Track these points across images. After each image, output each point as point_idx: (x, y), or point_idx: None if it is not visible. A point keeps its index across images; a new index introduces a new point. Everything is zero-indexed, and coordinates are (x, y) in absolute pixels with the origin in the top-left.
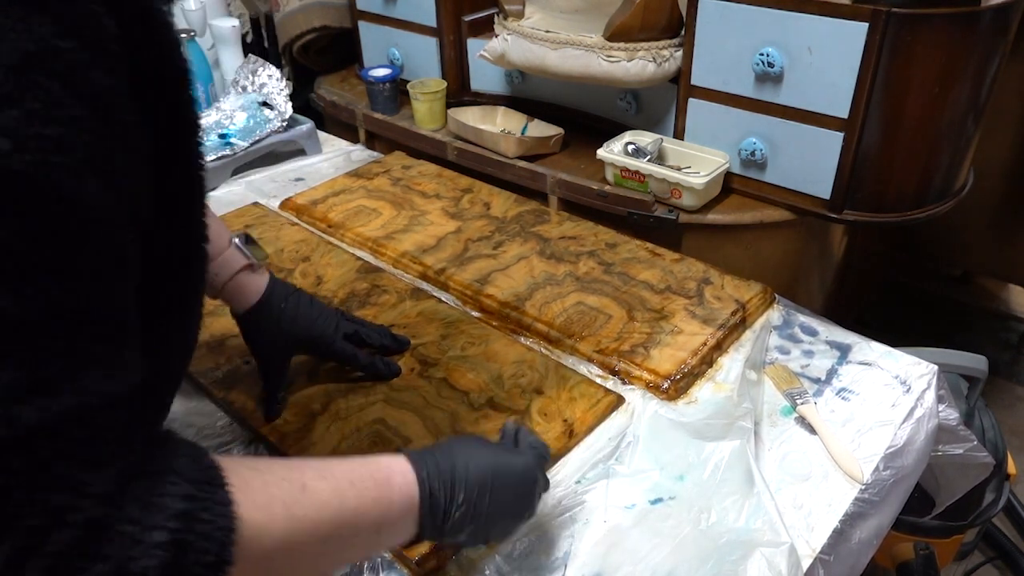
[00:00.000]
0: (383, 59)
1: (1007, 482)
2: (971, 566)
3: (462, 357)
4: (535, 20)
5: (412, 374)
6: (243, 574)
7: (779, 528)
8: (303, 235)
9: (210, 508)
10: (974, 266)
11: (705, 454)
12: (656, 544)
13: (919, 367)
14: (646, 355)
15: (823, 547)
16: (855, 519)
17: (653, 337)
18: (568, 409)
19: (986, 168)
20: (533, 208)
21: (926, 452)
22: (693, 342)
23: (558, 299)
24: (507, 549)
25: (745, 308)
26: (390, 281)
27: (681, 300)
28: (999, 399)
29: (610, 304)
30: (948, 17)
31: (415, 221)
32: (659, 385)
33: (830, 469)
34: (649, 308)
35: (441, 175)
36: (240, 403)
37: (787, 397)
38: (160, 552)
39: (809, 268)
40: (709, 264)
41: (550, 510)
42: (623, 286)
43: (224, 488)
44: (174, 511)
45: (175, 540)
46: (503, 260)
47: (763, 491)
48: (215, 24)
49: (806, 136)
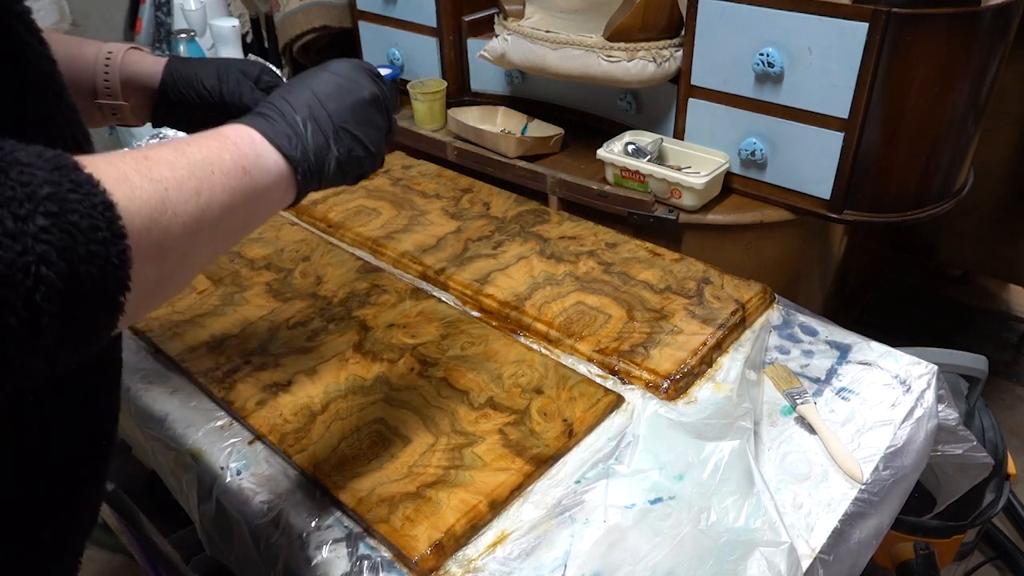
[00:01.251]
0: (383, 59)
1: (1007, 482)
2: (971, 566)
3: (462, 357)
4: (535, 20)
5: (412, 374)
6: (141, 252)
7: (779, 528)
8: (303, 235)
9: (77, 188)
10: (974, 266)
11: (705, 454)
12: (656, 544)
13: (919, 367)
14: (646, 355)
15: (823, 547)
16: (855, 519)
17: (653, 337)
18: (568, 409)
19: (986, 168)
20: (533, 208)
21: (926, 452)
22: (693, 342)
23: (558, 299)
24: (507, 549)
25: (745, 308)
26: (390, 281)
27: (681, 300)
28: (999, 399)
29: (610, 304)
30: (948, 17)
31: (415, 221)
32: (659, 385)
33: (830, 469)
34: (649, 308)
35: (441, 175)
36: (240, 403)
37: (787, 397)
38: (46, 242)
39: (809, 268)
40: (709, 264)
41: (550, 510)
42: (623, 286)
43: (79, 168)
44: (42, 196)
45: (56, 224)
46: (503, 260)
47: (763, 491)
48: (215, 24)
49: (806, 136)
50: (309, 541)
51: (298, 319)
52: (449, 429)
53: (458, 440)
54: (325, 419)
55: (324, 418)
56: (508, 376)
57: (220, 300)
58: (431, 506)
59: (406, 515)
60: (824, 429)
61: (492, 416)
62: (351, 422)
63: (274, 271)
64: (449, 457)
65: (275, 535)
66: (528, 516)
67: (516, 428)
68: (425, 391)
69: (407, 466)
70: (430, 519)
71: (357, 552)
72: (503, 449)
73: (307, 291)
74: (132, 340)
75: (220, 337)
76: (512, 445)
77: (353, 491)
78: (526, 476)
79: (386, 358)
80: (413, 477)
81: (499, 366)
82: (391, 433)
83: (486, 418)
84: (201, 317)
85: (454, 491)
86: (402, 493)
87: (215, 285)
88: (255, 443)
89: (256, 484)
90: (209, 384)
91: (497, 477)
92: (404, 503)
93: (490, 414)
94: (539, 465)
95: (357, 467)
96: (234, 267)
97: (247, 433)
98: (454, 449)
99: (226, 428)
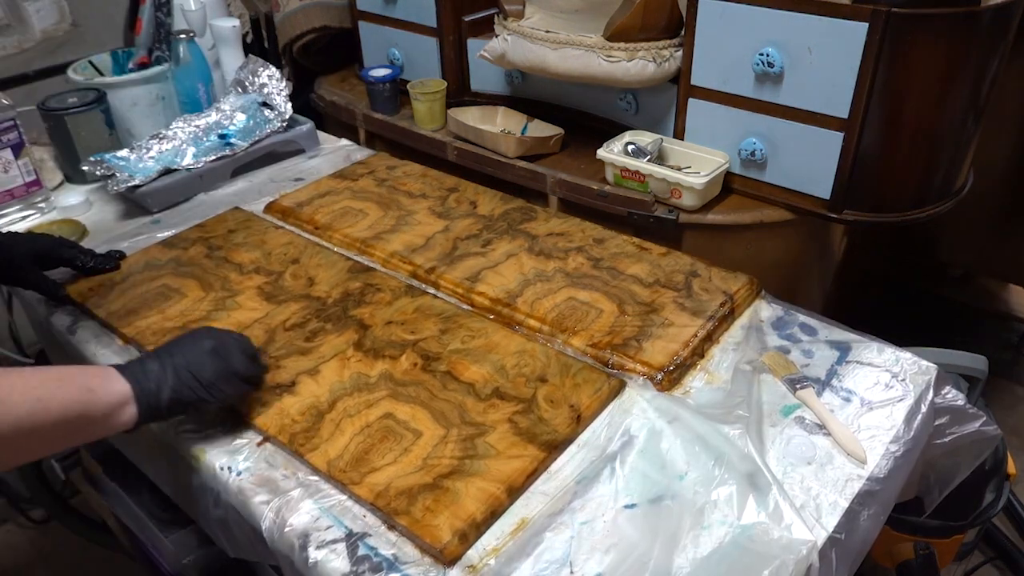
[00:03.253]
0: (383, 59)
1: (1007, 482)
2: (971, 566)
3: (463, 350)
4: (535, 20)
5: (415, 369)
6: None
7: (782, 524)
8: (289, 237)
9: None
10: (974, 266)
11: (704, 454)
12: (656, 544)
13: (919, 367)
14: (639, 348)
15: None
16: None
17: (645, 330)
18: (573, 395)
19: (986, 168)
20: (519, 206)
21: (924, 452)
22: (684, 334)
23: (549, 295)
24: (507, 549)
25: (733, 299)
26: (383, 279)
27: (670, 293)
28: (999, 399)
29: (600, 299)
30: (948, 17)
31: (402, 221)
32: (653, 377)
33: (834, 453)
34: (639, 302)
35: (426, 175)
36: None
37: (786, 383)
38: None
39: (809, 268)
40: (696, 257)
41: (550, 510)
42: (612, 280)
43: None
44: None
45: None
46: (492, 258)
47: (765, 487)
48: (215, 24)
49: (806, 136)
50: (309, 541)
51: (295, 320)
52: (459, 420)
53: (469, 431)
54: (334, 417)
55: (332, 416)
56: (511, 367)
57: (212, 305)
58: (450, 496)
59: (426, 506)
60: (824, 413)
61: (500, 406)
62: (360, 419)
63: (264, 274)
64: (462, 447)
65: (275, 535)
66: (529, 516)
67: (525, 416)
68: (431, 385)
69: (421, 458)
70: (450, 508)
71: (357, 552)
72: (514, 437)
73: (300, 293)
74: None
75: None
76: (523, 433)
77: (370, 486)
78: (540, 462)
79: (388, 355)
80: (428, 469)
81: (501, 357)
82: (401, 427)
83: (494, 408)
84: (193, 323)
85: (472, 480)
86: (420, 485)
87: (205, 291)
88: (264, 444)
89: (256, 484)
90: None
91: (512, 464)
92: (423, 494)
93: (498, 404)
94: (551, 451)
95: (371, 462)
96: (223, 272)
97: (251, 434)
98: (466, 439)
99: (227, 430)
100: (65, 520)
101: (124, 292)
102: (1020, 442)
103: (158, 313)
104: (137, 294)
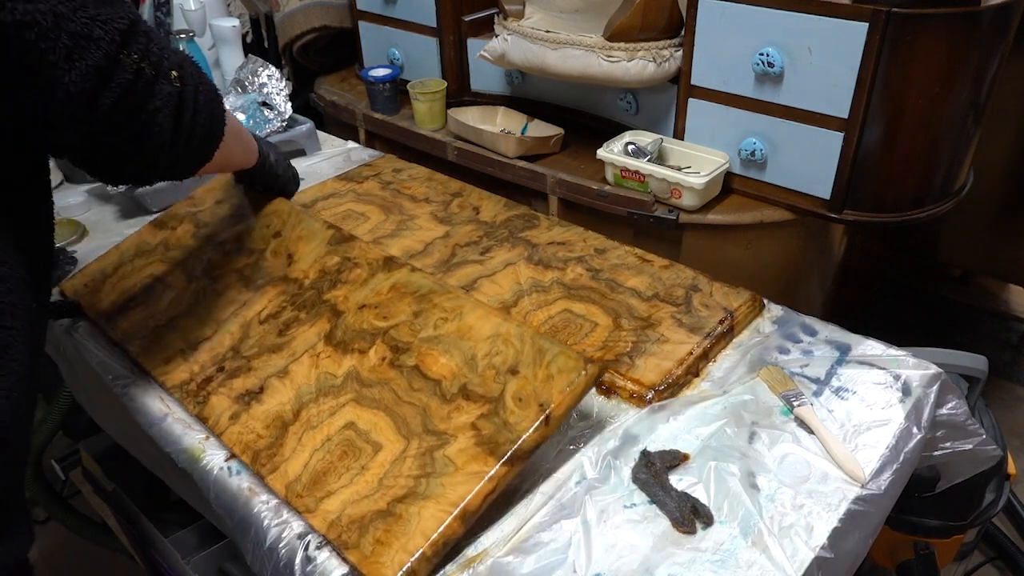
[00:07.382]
0: (383, 59)
1: (1007, 482)
2: (971, 566)
3: (435, 338)
4: (535, 20)
5: (383, 364)
6: None
7: (778, 528)
8: (273, 207)
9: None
10: (974, 266)
11: (704, 453)
12: (656, 544)
13: (919, 367)
14: (631, 364)
15: (823, 546)
16: (854, 517)
17: (638, 346)
18: (544, 390)
19: (986, 168)
20: (522, 213)
21: (923, 451)
22: (679, 351)
23: (544, 306)
24: (506, 550)
25: (733, 316)
26: (361, 251)
27: (668, 308)
28: (999, 399)
29: (596, 312)
30: (948, 17)
31: (403, 226)
32: (643, 396)
33: (830, 469)
34: (636, 316)
35: (432, 178)
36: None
37: (783, 400)
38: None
39: (809, 268)
40: (699, 271)
41: (550, 510)
42: (610, 293)
43: None
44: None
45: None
46: (490, 266)
47: (762, 490)
48: (215, 24)
49: (806, 136)
50: (309, 541)
51: (269, 310)
52: (420, 429)
53: (430, 442)
54: (296, 430)
55: (295, 428)
56: (482, 356)
57: (193, 297)
58: (401, 525)
59: (376, 538)
60: (823, 430)
61: (465, 408)
62: (322, 431)
63: (246, 254)
64: (420, 464)
65: (275, 535)
66: (531, 515)
67: (489, 420)
68: (397, 384)
69: (377, 478)
70: (400, 540)
71: None
72: (476, 448)
73: (278, 275)
74: None
75: (194, 341)
76: (485, 442)
77: (324, 514)
78: (500, 479)
79: (357, 348)
80: (384, 491)
81: (473, 344)
82: (362, 440)
83: (459, 411)
84: (176, 320)
85: (425, 504)
86: (373, 512)
87: (189, 282)
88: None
89: (256, 484)
90: (184, 399)
91: (468, 484)
92: (375, 523)
93: (463, 406)
94: (513, 463)
95: (328, 484)
96: (205, 255)
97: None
98: (425, 453)
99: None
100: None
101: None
102: (1020, 442)
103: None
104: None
